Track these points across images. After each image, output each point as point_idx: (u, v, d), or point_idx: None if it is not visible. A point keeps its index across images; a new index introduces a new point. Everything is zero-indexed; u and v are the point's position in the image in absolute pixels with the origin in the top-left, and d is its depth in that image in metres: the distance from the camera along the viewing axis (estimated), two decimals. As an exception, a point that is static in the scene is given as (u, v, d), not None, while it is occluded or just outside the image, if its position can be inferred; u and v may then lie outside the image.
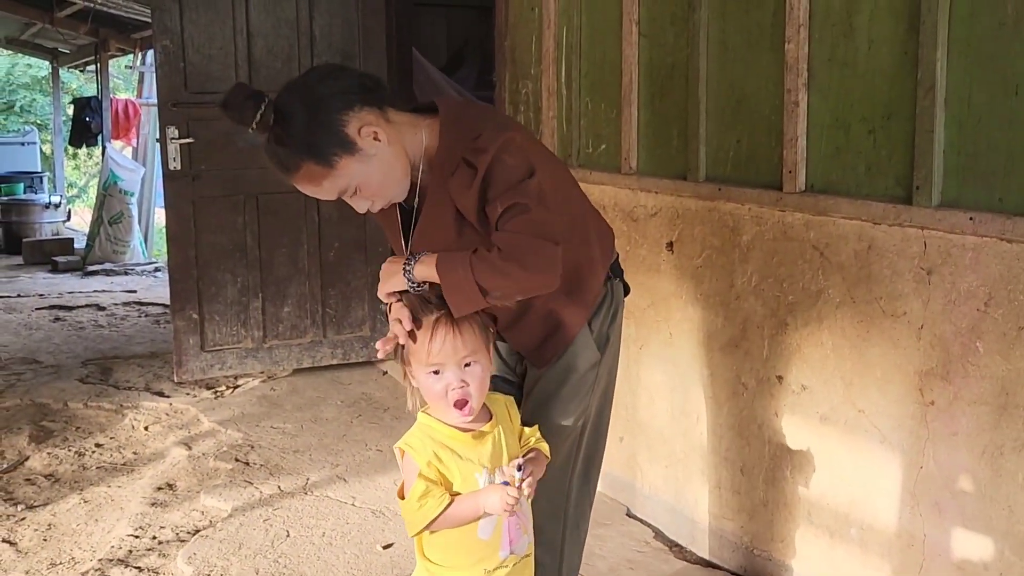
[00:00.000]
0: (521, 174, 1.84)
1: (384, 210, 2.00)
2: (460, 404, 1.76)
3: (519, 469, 1.74)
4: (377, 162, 1.87)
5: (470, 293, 1.79)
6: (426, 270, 1.85)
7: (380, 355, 1.89)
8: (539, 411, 2.04)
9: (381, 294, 1.94)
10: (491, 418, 1.84)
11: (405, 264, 1.88)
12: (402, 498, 1.80)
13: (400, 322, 1.84)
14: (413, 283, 1.86)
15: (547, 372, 2.08)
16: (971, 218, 2.15)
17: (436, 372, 1.78)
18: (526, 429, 1.93)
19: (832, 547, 2.58)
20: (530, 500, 1.85)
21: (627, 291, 2.22)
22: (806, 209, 2.56)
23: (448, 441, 1.79)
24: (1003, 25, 2.09)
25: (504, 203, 1.81)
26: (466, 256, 1.81)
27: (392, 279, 1.91)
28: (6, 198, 10.50)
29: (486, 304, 1.82)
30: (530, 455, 1.88)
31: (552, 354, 2.06)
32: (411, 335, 1.82)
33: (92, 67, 10.98)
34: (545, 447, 1.93)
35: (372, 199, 1.92)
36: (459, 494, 1.77)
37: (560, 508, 2.14)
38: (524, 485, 1.74)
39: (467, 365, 1.78)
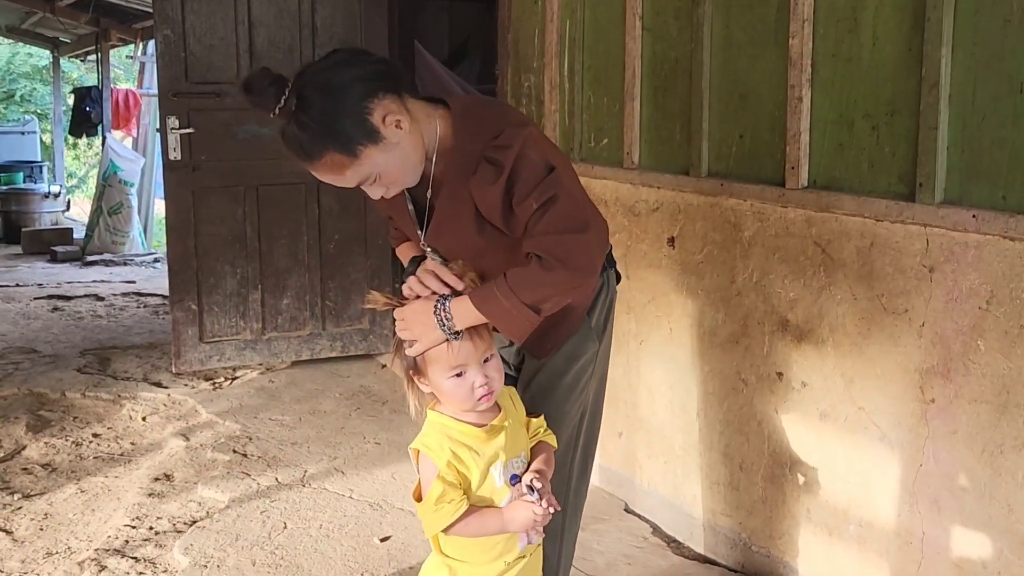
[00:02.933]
0: (544, 168, 1.86)
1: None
2: (486, 398, 1.77)
3: (531, 490, 1.75)
4: (399, 151, 1.86)
5: (524, 317, 1.81)
6: (467, 316, 1.78)
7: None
8: (540, 402, 2.04)
9: (415, 352, 1.79)
10: (500, 411, 1.84)
11: (439, 315, 1.78)
12: (418, 500, 1.79)
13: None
14: (454, 332, 1.77)
15: (548, 363, 2.08)
16: (974, 216, 2.14)
17: (459, 375, 1.76)
18: (532, 420, 1.92)
19: (831, 544, 2.58)
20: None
21: (619, 279, 2.25)
22: (808, 205, 2.55)
23: (464, 438, 1.78)
24: (1008, 22, 2.08)
25: (538, 199, 1.82)
26: (502, 283, 1.79)
27: (428, 333, 1.78)
28: (5, 187, 10.47)
29: (541, 319, 1.83)
30: (538, 450, 1.89)
31: (553, 345, 2.06)
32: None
33: (93, 57, 10.95)
34: (552, 439, 1.93)
35: (389, 186, 1.92)
36: (480, 498, 1.76)
37: (561, 497, 2.14)
38: (544, 501, 1.76)
39: (486, 360, 1.78)
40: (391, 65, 1.91)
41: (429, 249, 2.03)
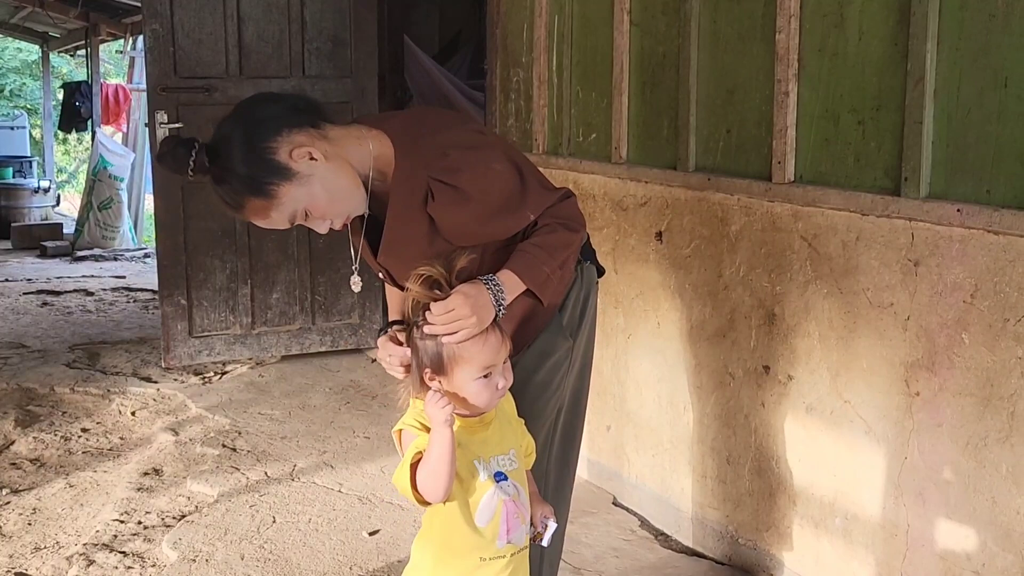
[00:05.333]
0: (515, 176, 1.95)
1: None
2: (499, 399, 1.82)
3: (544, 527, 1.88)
4: (317, 181, 1.87)
5: (556, 279, 1.98)
6: (514, 289, 1.90)
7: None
8: (514, 398, 2.04)
9: (459, 339, 1.75)
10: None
11: (493, 291, 1.83)
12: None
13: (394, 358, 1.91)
14: (503, 309, 1.85)
15: (519, 361, 2.07)
16: (959, 210, 2.15)
17: (487, 376, 1.77)
18: (526, 442, 1.93)
19: (817, 537, 2.59)
20: (530, 496, 1.87)
21: (601, 272, 2.23)
22: (795, 200, 2.56)
23: None
24: (993, 17, 2.09)
25: (536, 211, 1.96)
26: (537, 252, 1.92)
27: (486, 312, 1.80)
28: (-5, 182, 10.44)
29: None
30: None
31: (523, 342, 2.05)
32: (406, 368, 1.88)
33: (82, 52, 10.91)
34: (530, 460, 1.95)
35: (326, 218, 1.92)
36: (467, 490, 1.77)
37: (541, 493, 2.14)
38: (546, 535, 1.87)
39: (505, 361, 1.81)
40: (303, 99, 1.95)
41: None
